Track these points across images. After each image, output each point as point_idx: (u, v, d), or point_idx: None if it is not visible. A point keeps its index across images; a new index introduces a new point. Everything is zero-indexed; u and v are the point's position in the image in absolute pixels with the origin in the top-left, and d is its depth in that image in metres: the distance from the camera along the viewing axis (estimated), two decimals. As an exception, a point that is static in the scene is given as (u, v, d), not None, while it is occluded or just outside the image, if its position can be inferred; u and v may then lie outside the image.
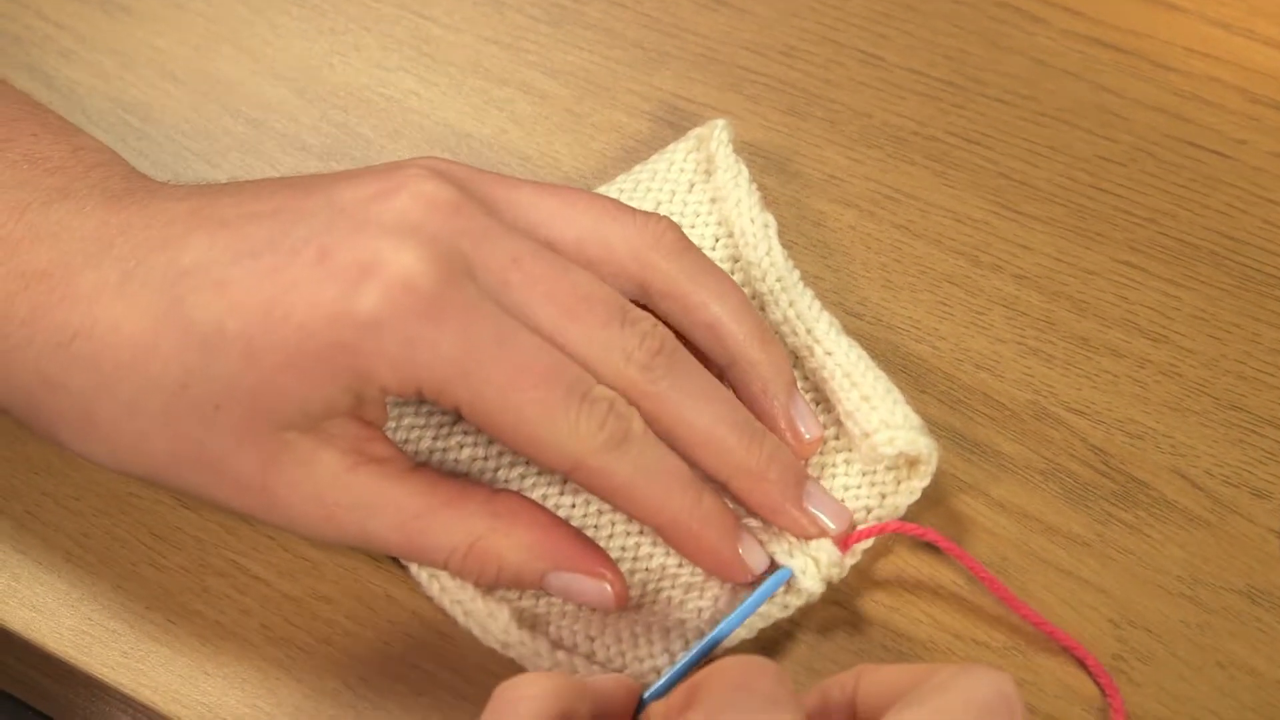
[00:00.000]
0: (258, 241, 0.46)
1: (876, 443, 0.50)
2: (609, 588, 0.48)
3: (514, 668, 0.49)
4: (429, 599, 0.50)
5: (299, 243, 0.45)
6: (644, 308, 0.49)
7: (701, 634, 0.48)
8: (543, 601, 0.49)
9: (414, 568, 0.49)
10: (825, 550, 0.48)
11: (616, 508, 0.48)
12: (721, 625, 0.47)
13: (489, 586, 0.49)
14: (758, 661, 0.42)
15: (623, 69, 0.62)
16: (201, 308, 0.45)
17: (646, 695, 0.45)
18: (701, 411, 0.48)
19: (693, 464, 0.48)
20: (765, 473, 0.48)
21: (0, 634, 0.50)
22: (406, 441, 0.51)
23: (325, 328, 0.45)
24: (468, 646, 0.49)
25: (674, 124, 0.60)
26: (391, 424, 0.52)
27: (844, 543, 0.49)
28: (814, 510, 0.49)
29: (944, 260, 0.57)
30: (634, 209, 0.50)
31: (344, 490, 0.47)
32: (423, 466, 0.49)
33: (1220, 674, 0.49)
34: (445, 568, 0.48)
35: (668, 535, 0.48)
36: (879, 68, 0.62)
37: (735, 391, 0.50)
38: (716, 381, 0.49)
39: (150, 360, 0.46)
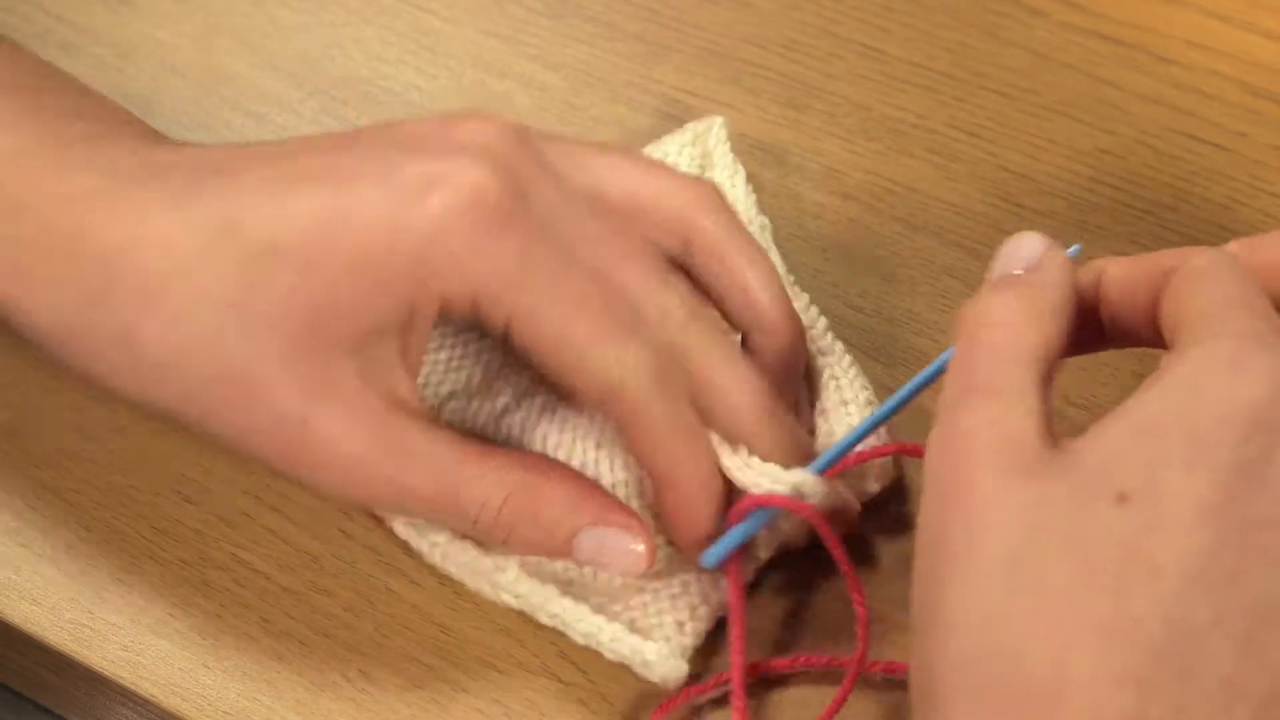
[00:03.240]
0: (316, 167, 0.46)
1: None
2: (641, 547, 0.47)
3: (513, 663, 0.49)
4: (424, 592, 0.50)
5: (360, 163, 0.45)
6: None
7: (706, 597, 0.48)
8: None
9: (414, 537, 0.49)
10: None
11: (632, 448, 0.47)
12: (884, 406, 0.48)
13: (514, 550, 0.48)
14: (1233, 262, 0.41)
15: (623, 62, 0.62)
16: (257, 224, 0.45)
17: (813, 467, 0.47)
18: (728, 376, 0.47)
19: (708, 424, 0.48)
20: (774, 448, 0.48)
21: (0, 627, 0.50)
22: None
23: (388, 235, 0.44)
24: (467, 640, 0.49)
25: (674, 117, 0.60)
26: None
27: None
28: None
29: (944, 253, 0.57)
30: (679, 171, 0.51)
31: (383, 432, 0.46)
32: (450, 426, 0.48)
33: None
34: (474, 525, 0.47)
35: (665, 491, 0.47)
36: (879, 61, 0.62)
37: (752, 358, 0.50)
38: (741, 351, 0.49)
39: (200, 275, 0.45)
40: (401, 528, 0.50)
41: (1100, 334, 0.46)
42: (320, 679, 0.49)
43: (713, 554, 0.47)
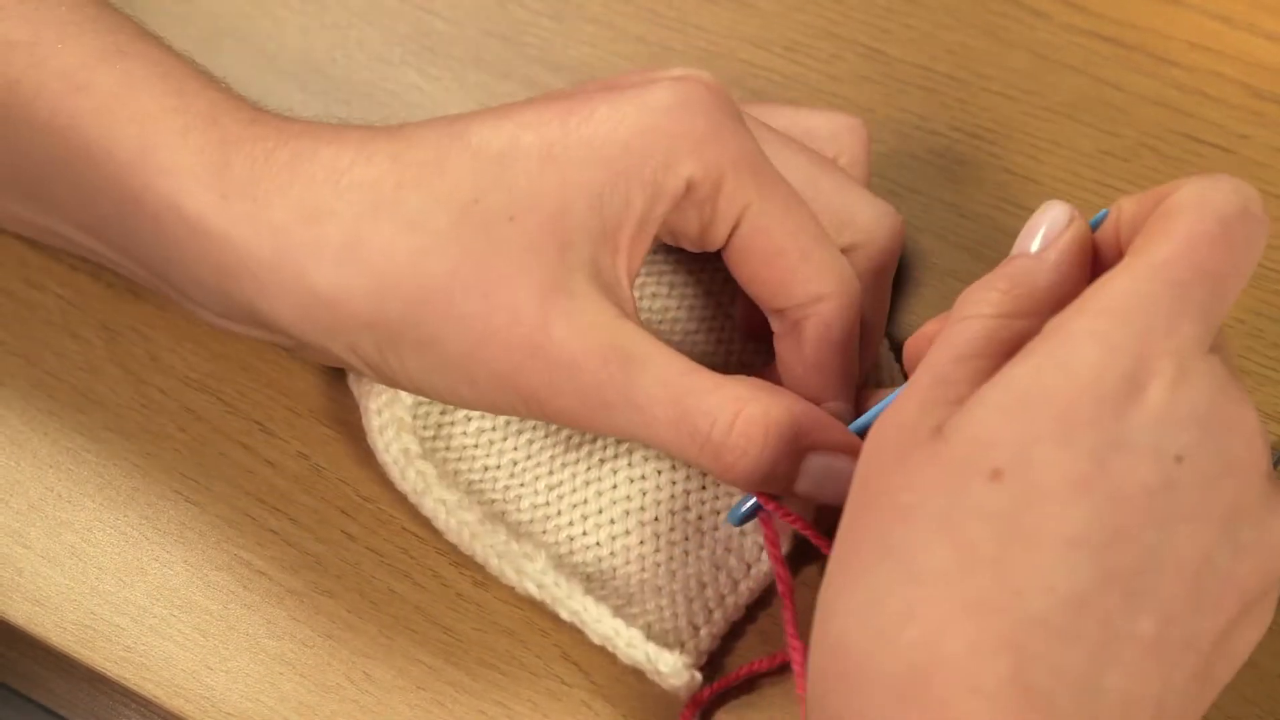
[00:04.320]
0: (536, 105, 0.46)
1: None
2: None
3: (516, 664, 0.49)
4: (427, 594, 0.50)
5: (572, 92, 0.46)
6: None
7: (721, 600, 0.48)
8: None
9: (442, 514, 0.49)
10: None
11: (812, 355, 0.48)
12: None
13: (739, 473, 0.45)
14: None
15: (625, 63, 0.62)
16: (490, 130, 0.45)
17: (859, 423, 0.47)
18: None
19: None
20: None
21: (4, 628, 0.50)
22: (415, 417, 0.51)
23: (635, 115, 0.45)
24: (470, 641, 0.49)
25: (676, 118, 0.60)
26: (440, 443, 0.51)
27: None
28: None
29: (947, 255, 0.57)
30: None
31: (621, 334, 0.45)
32: None
33: (1222, 669, 0.49)
34: (704, 444, 0.45)
35: (819, 383, 0.48)
36: (881, 62, 0.62)
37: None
38: None
39: (438, 178, 0.45)
40: (430, 503, 0.50)
41: None
42: (323, 680, 0.49)
43: (735, 513, 0.47)
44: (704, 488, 0.50)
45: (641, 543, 0.50)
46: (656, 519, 0.50)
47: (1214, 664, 0.39)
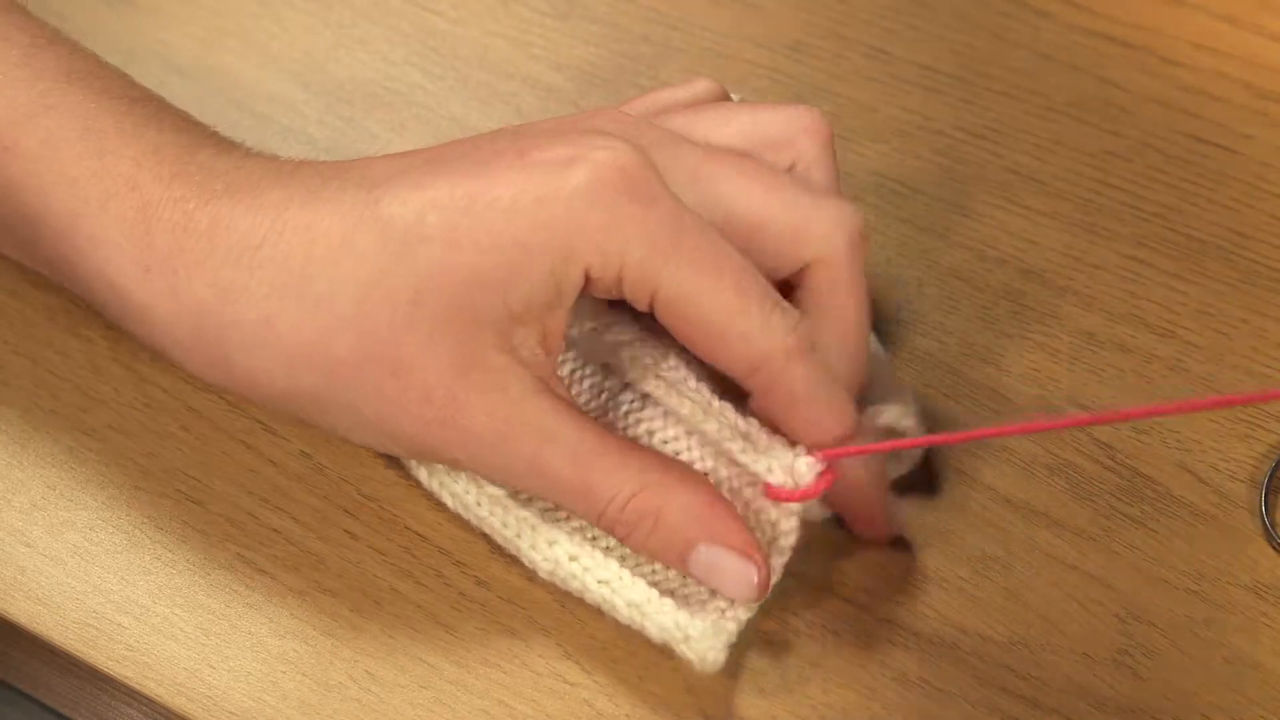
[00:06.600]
0: (451, 156, 0.46)
1: (868, 414, 0.50)
2: (755, 574, 0.47)
3: (518, 664, 0.49)
4: (429, 593, 0.50)
5: (497, 151, 0.46)
6: None
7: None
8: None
9: (473, 492, 0.49)
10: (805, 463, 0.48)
11: (774, 420, 0.47)
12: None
13: (631, 546, 0.48)
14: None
15: (629, 63, 0.62)
16: (400, 206, 0.45)
17: None
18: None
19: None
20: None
21: (6, 627, 0.50)
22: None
23: (532, 209, 0.45)
24: (473, 640, 0.49)
25: (680, 118, 0.60)
26: None
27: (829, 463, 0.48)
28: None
29: (950, 254, 0.57)
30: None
31: (530, 410, 0.46)
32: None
33: (1226, 669, 0.49)
34: (600, 518, 0.47)
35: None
36: (885, 62, 0.62)
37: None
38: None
39: (344, 257, 0.45)
40: (460, 486, 0.50)
41: None
42: (325, 679, 0.49)
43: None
44: (734, 462, 0.49)
45: None
46: None
47: None
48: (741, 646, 0.49)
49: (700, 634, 0.47)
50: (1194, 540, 0.51)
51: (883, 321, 0.55)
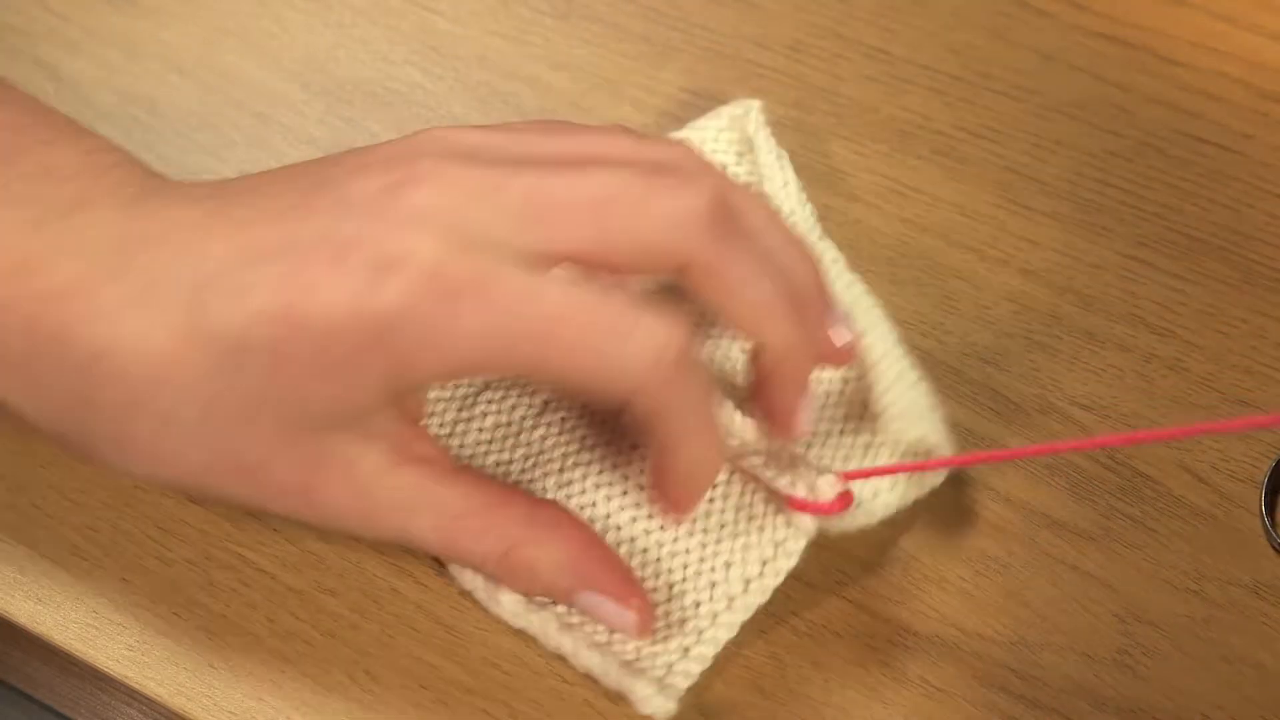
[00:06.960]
0: (273, 244, 0.45)
1: (896, 429, 0.50)
2: (633, 616, 0.48)
3: (519, 663, 0.49)
4: (430, 593, 0.50)
5: (314, 242, 0.45)
6: None
7: (700, 633, 0.48)
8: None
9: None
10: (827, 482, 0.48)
11: (664, 431, 0.46)
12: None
13: (521, 593, 0.49)
14: None
15: (629, 63, 0.62)
16: (224, 317, 0.45)
17: None
18: (762, 285, 0.47)
19: (745, 334, 0.48)
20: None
21: (6, 626, 0.50)
22: (432, 414, 0.52)
23: (348, 327, 0.44)
24: (473, 640, 0.49)
25: (680, 118, 0.60)
26: (455, 440, 0.52)
27: (845, 494, 0.49)
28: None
29: (950, 254, 0.57)
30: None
31: (386, 489, 0.47)
32: (466, 468, 0.49)
33: (1226, 668, 0.49)
34: (480, 572, 0.49)
35: (664, 467, 0.47)
36: (885, 62, 0.62)
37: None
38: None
39: (178, 373, 0.45)
40: None
41: None
42: (326, 679, 0.49)
43: None
44: (712, 500, 0.50)
45: (645, 550, 0.50)
46: (663, 528, 0.50)
47: None
48: (742, 647, 0.49)
49: (646, 697, 0.47)
50: (1194, 540, 0.51)
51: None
